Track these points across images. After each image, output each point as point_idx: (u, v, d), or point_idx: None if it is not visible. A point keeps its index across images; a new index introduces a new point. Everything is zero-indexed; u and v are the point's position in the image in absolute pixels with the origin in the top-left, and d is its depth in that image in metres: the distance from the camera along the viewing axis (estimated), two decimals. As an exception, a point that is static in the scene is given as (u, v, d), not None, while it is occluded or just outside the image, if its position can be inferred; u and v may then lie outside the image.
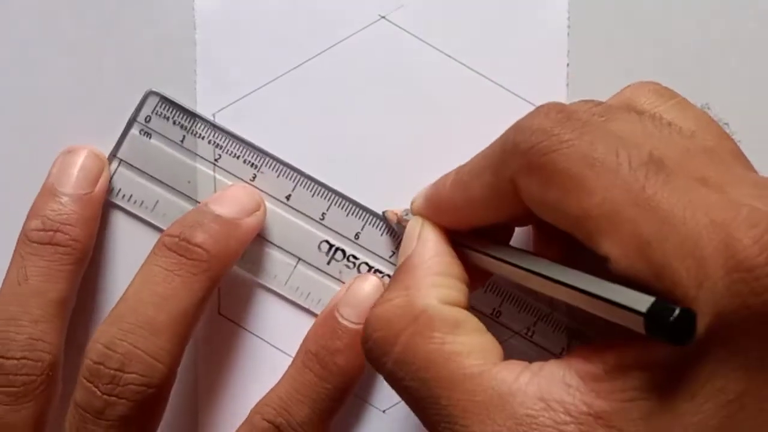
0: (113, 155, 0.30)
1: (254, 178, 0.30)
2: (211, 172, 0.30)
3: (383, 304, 0.24)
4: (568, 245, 0.22)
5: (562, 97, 0.30)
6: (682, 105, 0.24)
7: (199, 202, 0.30)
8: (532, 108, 0.30)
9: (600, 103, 0.23)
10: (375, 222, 0.30)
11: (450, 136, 0.30)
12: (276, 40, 0.30)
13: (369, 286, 0.29)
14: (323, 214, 0.30)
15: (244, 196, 0.29)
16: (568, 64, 0.30)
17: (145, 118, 0.30)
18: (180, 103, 0.30)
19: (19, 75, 0.31)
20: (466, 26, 0.30)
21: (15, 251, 0.28)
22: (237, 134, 0.30)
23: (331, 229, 0.30)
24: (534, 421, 0.20)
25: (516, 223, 0.27)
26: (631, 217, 0.19)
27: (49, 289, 0.27)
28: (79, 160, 0.29)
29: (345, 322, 0.28)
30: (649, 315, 0.18)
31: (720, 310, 0.18)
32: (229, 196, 0.29)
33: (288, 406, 0.27)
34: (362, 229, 0.30)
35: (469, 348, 0.22)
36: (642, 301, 0.18)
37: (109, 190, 0.30)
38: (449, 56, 0.30)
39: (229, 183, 0.30)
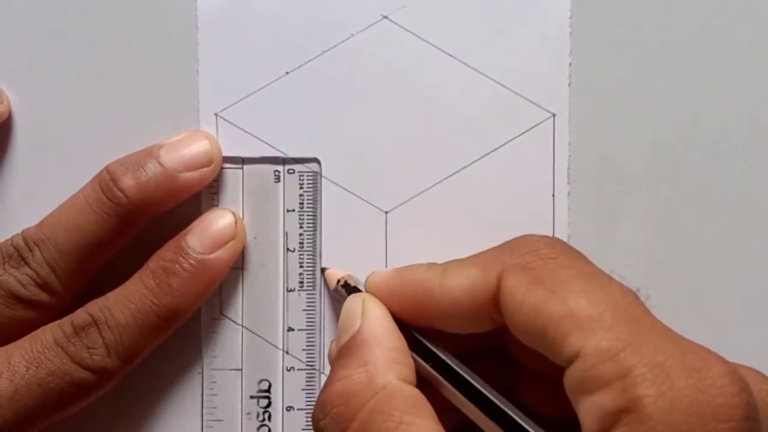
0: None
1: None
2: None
3: (342, 380, 0.24)
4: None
5: (564, 96, 0.30)
6: None
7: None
8: (534, 107, 0.30)
9: None
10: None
11: (452, 136, 0.30)
12: (278, 40, 0.30)
13: (223, 221, 0.29)
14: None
15: (198, 147, 0.29)
16: (570, 64, 0.30)
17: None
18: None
19: (21, 75, 0.31)
20: (468, 26, 0.30)
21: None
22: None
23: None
24: None
25: (470, 342, 0.27)
26: (614, 323, 0.21)
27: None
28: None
29: (188, 249, 0.28)
30: None
31: (672, 422, 0.19)
32: (181, 143, 0.29)
33: (111, 306, 0.28)
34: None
35: None
36: None
37: None
38: (451, 56, 0.30)
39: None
